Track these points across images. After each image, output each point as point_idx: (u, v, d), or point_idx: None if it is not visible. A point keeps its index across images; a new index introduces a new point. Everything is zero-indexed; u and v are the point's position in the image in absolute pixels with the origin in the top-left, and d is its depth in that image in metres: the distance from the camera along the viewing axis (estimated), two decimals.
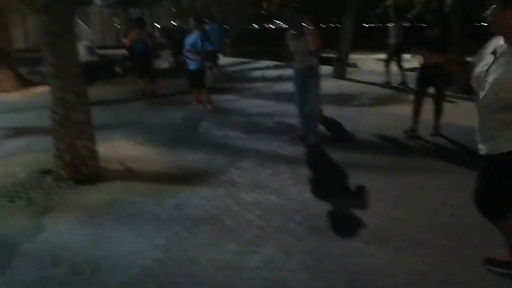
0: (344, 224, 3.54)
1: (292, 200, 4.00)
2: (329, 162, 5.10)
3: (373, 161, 5.07)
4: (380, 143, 5.82)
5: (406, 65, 10.16)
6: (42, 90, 7.69)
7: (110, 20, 23.97)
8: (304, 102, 5.81)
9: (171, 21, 24.92)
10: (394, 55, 10.04)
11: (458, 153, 5.30)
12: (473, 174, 2.74)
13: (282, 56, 10.82)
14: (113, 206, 3.94)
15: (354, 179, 4.49)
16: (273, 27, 30.77)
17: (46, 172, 4.75)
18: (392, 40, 9.98)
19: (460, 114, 6.49)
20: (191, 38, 7.87)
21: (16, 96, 10.16)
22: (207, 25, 11.81)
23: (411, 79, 7.39)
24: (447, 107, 6.19)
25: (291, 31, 5.77)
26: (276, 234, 3.37)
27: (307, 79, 5.73)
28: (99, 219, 3.69)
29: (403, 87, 9.54)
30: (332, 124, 6.76)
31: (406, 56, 10.38)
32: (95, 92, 8.32)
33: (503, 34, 2.36)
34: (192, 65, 7.87)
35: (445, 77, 5.79)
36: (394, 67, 10.08)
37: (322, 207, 3.83)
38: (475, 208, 2.65)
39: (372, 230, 3.37)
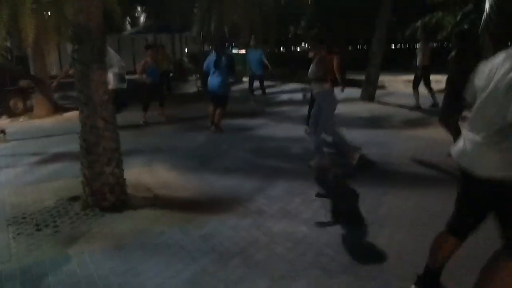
0: (380, 260, 3.32)
1: (324, 232, 3.81)
2: (363, 190, 4.88)
3: (410, 190, 4.83)
4: (415, 170, 5.57)
5: (435, 86, 9.89)
6: (73, 116, 7.83)
7: (141, 46, 24.55)
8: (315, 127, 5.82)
9: (200, 46, 25.38)
10: (422, 77, 9.80)
11: None
12: None
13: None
14: (140, 236, 3.85)
15: (391, 210, 4.27)
16: (299, 50, 30.93)
17: (74, 199, 4.74)
18: (419, 61, 9.76)
19: None
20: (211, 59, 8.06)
21: (49, 121, 10.40)
22: (247, 51, 12.05)
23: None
24: None
25: (310, 55, 5.95)
26: (308, 270, 3.18)
27: (319, 104, 5.84)
28: (125, 250, 3.60)
29: (434, 109, 9.26)
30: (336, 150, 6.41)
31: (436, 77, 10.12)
32: (123, 117, 8.42)
33: None
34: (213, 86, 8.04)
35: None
36: (423, 89, 9.82)
37: (356, 240, 3.63)
38: None
39: (411, 267, 3.14)
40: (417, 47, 10.09)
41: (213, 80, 8.18)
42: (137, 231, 3.96)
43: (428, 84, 9.79)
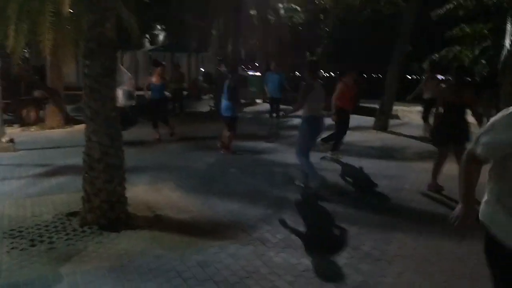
0: None
1: (328, 267, 3.63)
2: (371, 224, 4.70)
3: (419, 227, 4.62)
4: (426, 206, 5.37)
5: None
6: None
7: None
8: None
9: (217, 67, 25.61)
10: (430, 109, 9.65)
11: None
12: None
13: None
14: (136, 258, 3.71)
15: (399, 247, 4.07)
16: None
17: (73, 214, 4.64)
18: (426, 94, 9.63)
19: None
20: (226, 84, 7.97)
21: (60, 133, 10.42)
22: (266, 74, 12.10)
23: None
24: None
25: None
26: None
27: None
28: (119, 272, 3.46)
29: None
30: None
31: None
32: (132, 132, 8.38)
33: None
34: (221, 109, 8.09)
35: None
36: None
37: (360, 278, 3.44)
38: None
39: None
40: (423, 78, 10.03)
41: (222, 103, 8.23)
42: (133, 253, 3.82)
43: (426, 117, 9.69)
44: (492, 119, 1.95)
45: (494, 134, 1.91)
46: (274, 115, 11.50)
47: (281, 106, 11.46)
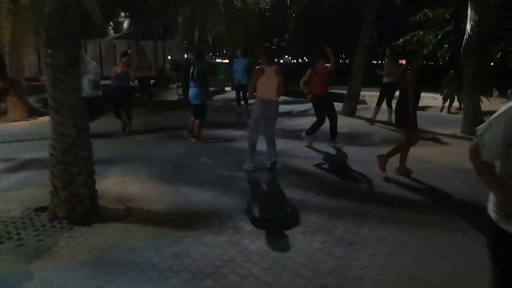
0: (359, 284, 3.21)
1: (302, 252, 3.68)
2: (342, 208, 4.79)
3: (390, 211, 4.75)
4: (395, 189, 5.51)
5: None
6: (49, 120, 7.60)
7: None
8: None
9: (183, 54, 25.21)
10: (391, 94, 9.83)
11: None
12: None
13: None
14: (108, 252, 3.65)
15: (371, 230, 4.17)
16: (282, 61, 31.11)
17: (41, 209, 4.51)
18: (385, 79, 9.79)
19: None
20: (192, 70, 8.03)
21: (23, 125, 10.06)
22: (234, 60, 11.93)
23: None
24: None
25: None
26: None
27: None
28: (92, 267, 3.40)
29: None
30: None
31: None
32: (99, 124, 8.18)
33: None
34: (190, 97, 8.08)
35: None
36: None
37: (334, 262, 3.51)
38: None
39: None
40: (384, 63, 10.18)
41: (190, 90, 8.13)
42: (106, 246, 3.76)
43: (390, 102, 9.86)
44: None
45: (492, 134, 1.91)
46: (242, 102, 11.45)
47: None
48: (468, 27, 8.87)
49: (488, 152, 1.94)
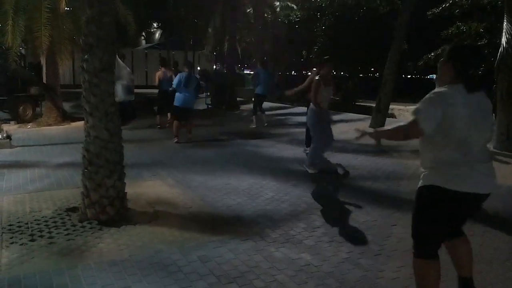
0: None
1: (327, 262, 3.64)
2: (370, 219, 4.72)
3: None
4: None
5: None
6: (81, 125, 7.79)
7: (154, 61, 24.80)
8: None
9: (213, 65, 25.54)
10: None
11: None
12: None
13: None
14: (136, 253, 3.71)
15: (399, 241, 4.09)
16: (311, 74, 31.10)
17: (72, 210, 4.63)
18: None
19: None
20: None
21: (57, 130, 10.39)
22: (256, 69, 12.21)
23: None
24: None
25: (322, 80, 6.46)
26: None
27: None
28: (120, 267, 3.46)
29: None
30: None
31: None
32: (130, 129, 8.37)
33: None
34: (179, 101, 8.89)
35: None
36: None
37: (360, 273, 3.46)
38: None
39: None
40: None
41: (187, 96, 8.95)
42: (134, 248, 3.82)
43: None
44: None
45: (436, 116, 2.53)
46: (259, 112, 11.53)
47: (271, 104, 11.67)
48: (504, 40, 8.68)
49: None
